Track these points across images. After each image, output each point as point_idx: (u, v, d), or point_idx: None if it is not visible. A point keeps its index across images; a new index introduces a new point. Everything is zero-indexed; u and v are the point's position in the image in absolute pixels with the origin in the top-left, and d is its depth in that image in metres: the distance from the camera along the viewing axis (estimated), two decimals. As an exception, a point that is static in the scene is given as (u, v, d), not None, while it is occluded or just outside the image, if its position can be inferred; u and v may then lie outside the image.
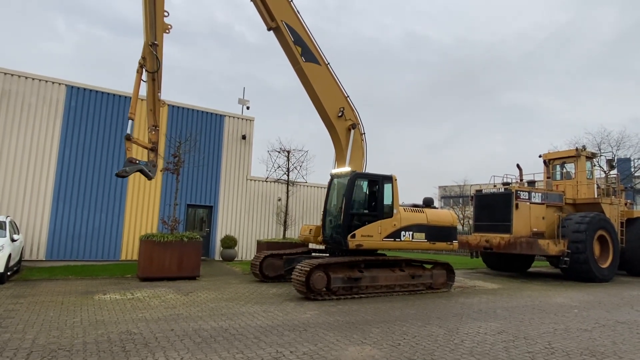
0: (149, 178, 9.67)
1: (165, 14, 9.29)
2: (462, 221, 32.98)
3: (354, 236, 9.77)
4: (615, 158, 22.11)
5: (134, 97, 9.33)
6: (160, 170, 13.38)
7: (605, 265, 14.17)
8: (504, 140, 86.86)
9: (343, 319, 7.35)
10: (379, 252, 10.90)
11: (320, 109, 11.37)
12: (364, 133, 11.62)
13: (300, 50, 10.99)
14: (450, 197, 42.66)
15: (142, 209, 16.09)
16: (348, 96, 11.54)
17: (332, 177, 11.14)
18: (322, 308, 8.21)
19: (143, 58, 9.32)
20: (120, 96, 16.13)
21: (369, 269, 9.98)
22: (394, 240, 10.33)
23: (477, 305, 9.23)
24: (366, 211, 10.43)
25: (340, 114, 11.23)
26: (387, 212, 10.36)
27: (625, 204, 17.17)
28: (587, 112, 73.97)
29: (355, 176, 10.32)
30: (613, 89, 79.70)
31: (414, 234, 10.67)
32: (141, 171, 9.39)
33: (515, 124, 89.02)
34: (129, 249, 15.69)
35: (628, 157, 27.31)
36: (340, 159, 11.39)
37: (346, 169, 10.85)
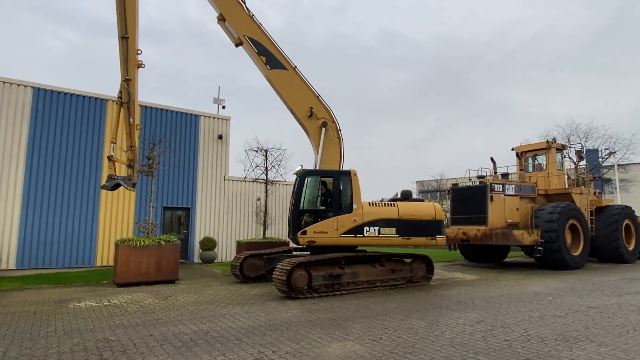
0: (129, 190, 10.79)
1: (138, 51, 10.17)
2: None
3: (304, 233, 9.77)
4: (584, 149, 22.89)
5: (114, 124, 10.43)
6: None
7: (577, 253, 14.64)
8: (481, 135, 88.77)
9: (325, 316, 7.36)
10: (358, 248, 10.88)
11: (290, 110, 11.66)
12: (340, 130, 11.65)
13: (265, 59, 11.35)
14: (428, 191, 43.27)
15: (117, 213, 15.69)
16: (319, 95, 11.63)
17: (296, 176, 11.07)
18: (304, 306, 8.20)
19: (120, 92, 10.22)
20: (90, 97, 15.65)
21: (349, 265, 10.00)
22: (355, 236, 10.12)
23: (455, 296, 9.39)
24: (322, 207, 10.30)
25: (309, 114, 11.36)
26: (344, 208, 10.16)
27: (594, 194, 17.79)
28: (558, 106, 76.22)
29: (305, 174, 10.37)
30: (583, 84, 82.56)
31: (381, 229, 10.34)
32: (120, 185, 10.54)
33: (491, 119, 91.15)
34: (105, 255, 15.29)
35: (596, 147, 28.35)
36: (316, 156, 11.42)
37: (301, 167, 10.83)
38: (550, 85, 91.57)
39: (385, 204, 10.84)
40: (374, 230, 10.32)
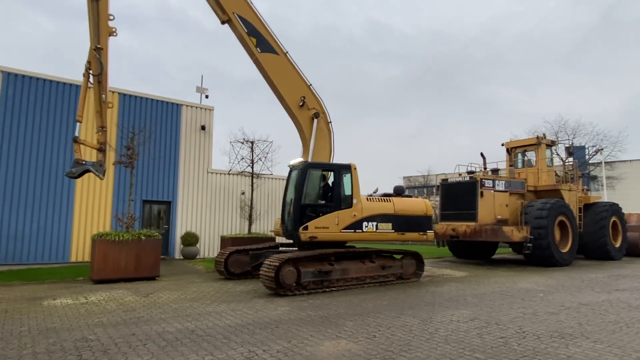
0: (100, 178, 9.83)
1: (111, 17, 9.24)
2: None
3: (306, 228, 9.42)
4: (573, 145, 23.10)
5: (81, 101, 9.33)
6: (113, 164, 12.58)
7: (566, 249, 14.66)
8: (466, 132, 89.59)
9: (315, 313, 7.07)
10: (348, 244, 10.66)
11: (280, 99, 11.09)
12: (330, 122, 11.34)
13: (255, 41, 10.72)
14: (415, 187, 43.36)
15: (93, 206, 14.98)
16: (310, 84, 11.24)
17: (290, 169, 10.73)
18: (293, 303, 7.89)
19: (88, 62, 9.30)
20: (64, 84, 14.85)
21: (339, 261, 9.74)
22: (355, 232, 9.94)
23: (447, 293, 9.22)
24: (322, 202, 10.02)
25: (301, 104, 10.93)
26: (345, 203, 9.95)
27: (582, 190, 17.89)
28: (544, 103, 77.44)
29: (307, 166, 9.93)
30: (569, 82, 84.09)
31: (379, 224, 10.28)
32: (89, 172, 9.51)
33: (477, 115, 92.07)
34: (80, 250, 14.61)
35: (583, 145, 28.66)
36: (305, 149, 11.07)
37: (300, 159, 10.49)
38: (536, 82, 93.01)
39: (380, 199, 10.71)
40: (372, 225, 10.19)
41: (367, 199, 10.45)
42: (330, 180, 10.48)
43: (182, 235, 16.44)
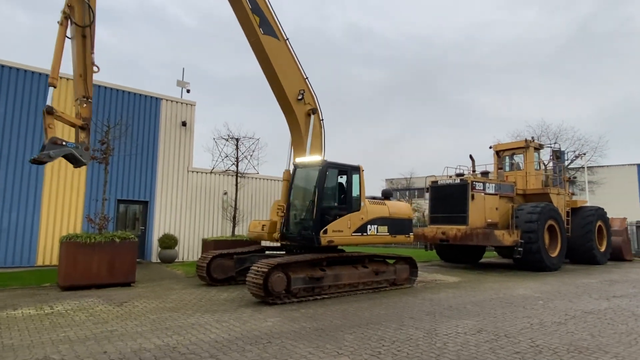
0: (79, 164, 7.92)
1: None
2: None
3: (325, 232, 8.96)
4: (561, 149, 23.24)
5: (55, 57, 7.53)
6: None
7: (555, 254, 14.48)
8: (446, 137, 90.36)
9: (310, 325, 6.47)
10: (338, 247, 10.15)
11: (279, 89, 10.25)
12: (323, 119, 10.76)
13: (259, 20, 9.82)
14: (397, 189, 43.18)
15: (63, 205, 13.88)
16: (307, 78, 10.59)
17: (297, 166, 10.15)
18: (283, 313, 7.26)
19: (69, 7, 7.65)
20: (33, 72, 13.67)
21: (331, 266, 9.16)
22: (362, 235, 9.71)
23: (445, 301, 8.77)
24: (335, 204, 9.67)
25: (300, 97, 10.27)
26: (356, 205, 9.68)
27: (568, 195, 17.83)
28: (521, 109, 78.84)
29: (327, 166, 9.42)
30: (545, 89, 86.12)
31: (378, 227, 10.13)
32: (70, 156, 7.62)
33: (457, 120, 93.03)
34: (47, 253, 13.50)
35: (563, 150, 28.98)
36: (298, 146, 10.43)
37: (315, 157, 9.91)
38: (513, 89, 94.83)
39: (379, 202, 10.55)
40: (374, 228, 9.93)
41: (370, 202, 10.24)
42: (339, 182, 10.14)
43: (160, 237, 15.50)
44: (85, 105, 8.11)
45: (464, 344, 5.61)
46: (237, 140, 14.74)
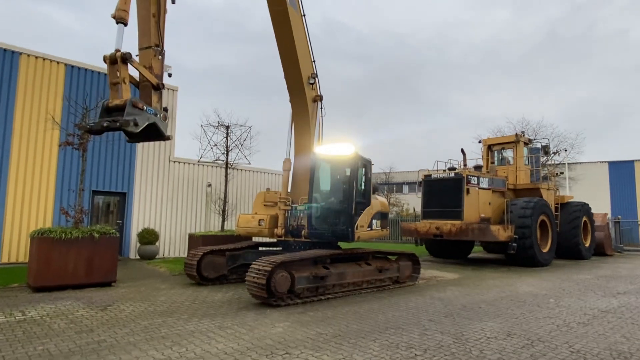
0: (162, 139, 6.52)
1: None
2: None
3: (356, 227, 8.78)
4: (550, 144, 23.39)
5: None
6: (59, 145, 10.52)
7: (546, 249, 14.41)
8: (418, 134, 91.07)
9: (324, 330, 5.83)
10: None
11: (294, 67, 9.35)
12: (323, 108, 10.09)
13: None
14: (379, 184, 42.78)
15: (31, 196, 12.61)
16: (314, 61, 9.89)
17: (318, 156, 9.51)
18: (290, 317, 6.59)
19: None
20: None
21: (334, 264, 8.56)
22: (370, 230, 9.40)
23: (455, 300, 8.32)
24: (363, 199, 9.39)
25: (312, 81, 9.62)
26: (369, 200, 9.48)
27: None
28: (490, 108, 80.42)
29: (359, 159, 9.10)
30: (516, 89, 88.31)
31: (377, 221, 9.82)
32: (152, 126, 6.10)
33: (430, 117, 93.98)
34: (13, 249, 12.23)
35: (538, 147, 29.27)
36: (302, 134, 9.72)
37: (342, 147, 9.25)
38: (483, 88, 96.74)
39: (375, 197, 10.15)
40: (376, 223, 9.59)
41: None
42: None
43: (139, 232, 14.42)
44: (160, 58, 6.45)
45: (500, 351, 5.12)
46: (228, 128, 13.73)
